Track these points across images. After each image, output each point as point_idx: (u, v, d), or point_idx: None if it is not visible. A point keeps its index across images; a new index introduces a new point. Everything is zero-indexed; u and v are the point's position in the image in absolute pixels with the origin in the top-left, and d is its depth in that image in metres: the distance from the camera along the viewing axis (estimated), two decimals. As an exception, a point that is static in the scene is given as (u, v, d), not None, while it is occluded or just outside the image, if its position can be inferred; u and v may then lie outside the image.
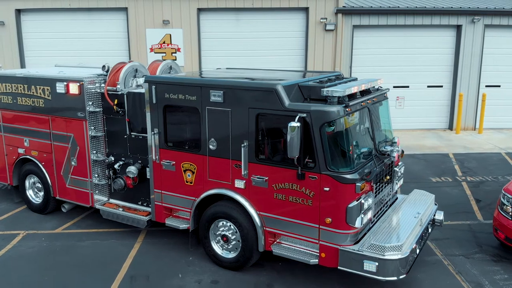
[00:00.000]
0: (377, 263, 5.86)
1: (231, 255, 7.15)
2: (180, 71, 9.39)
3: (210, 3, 16.14)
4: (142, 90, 7.60)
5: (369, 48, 16.85)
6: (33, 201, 9.64)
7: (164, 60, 9.34)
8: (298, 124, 5.86)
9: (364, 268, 5.94)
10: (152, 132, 7.46)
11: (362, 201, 6.14)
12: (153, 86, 7.29)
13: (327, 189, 6.08)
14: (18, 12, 16.18)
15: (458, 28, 16.73)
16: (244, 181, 6.75)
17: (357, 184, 6.04)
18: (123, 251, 7.93)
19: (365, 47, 16.83)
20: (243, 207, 6.83)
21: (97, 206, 8.61)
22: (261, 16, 16.50)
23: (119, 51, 16.31)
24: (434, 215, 7.35)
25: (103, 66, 8.55)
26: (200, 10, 16.26)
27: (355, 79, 7.65)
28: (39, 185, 9.46)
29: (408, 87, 17.29)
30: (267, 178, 6.54)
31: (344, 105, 6.08)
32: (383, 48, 16.86)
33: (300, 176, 6.21)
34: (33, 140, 9.14)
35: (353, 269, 6.07)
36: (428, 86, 17.36)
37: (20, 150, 9.43)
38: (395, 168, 7.44)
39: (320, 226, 6.25)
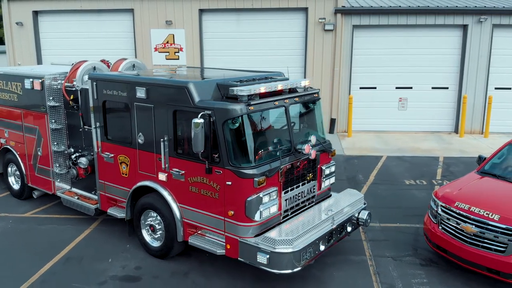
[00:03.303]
0: (268, 256, 6.06)
1: (157, 244, 7.56)
2: (144, 68, 9.88)
3: (212, 4, 16.62)
4: (91, 86, 8.17)
5: (370, 48, 16.63)
6: (13, 187, 10.51)
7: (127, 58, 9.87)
8: (202, 120, 6.17)
9: (258, 260, 6.15)
10: (95, 126, 8.01)
11: (261, 195, 6.34)
12: (94, 83, 7.84)
13: (229, 183, 6.35)
14: (35, 13, 17.44)
15: (464, 27, 16.16)
16: (166, 174, 7.14)
17: (255, 179, 6.26)
18: (73, 235, 8.55)
19: (366, 47, 16.63)
20: (166, 199, 7.22)
21: (58, 193, 9.30)
22: (261, 17, 16.77)
23: (126, 50, 17.12)
24: (358, 215, 7.38)
25: (72, 64, 9.22)
26: (201, 11, 16.78)
27: (287, 79, 7.81)
28: (18, 173, 10.30)
29: (411, 88, 16.91)
30: (183, 171, 6.90)
31: (247, 103, 6.32)
32: (384, 49, 16.59)
33: (207, 171, 6.51)
34: (11, 131, 10.00)
35: (249, 260, 6.30)
36: (433, 88, 16.87)
37: (2, 141, 10.33)
38: (321, 167, 7.55)
39: (225, 219, 6.53)
